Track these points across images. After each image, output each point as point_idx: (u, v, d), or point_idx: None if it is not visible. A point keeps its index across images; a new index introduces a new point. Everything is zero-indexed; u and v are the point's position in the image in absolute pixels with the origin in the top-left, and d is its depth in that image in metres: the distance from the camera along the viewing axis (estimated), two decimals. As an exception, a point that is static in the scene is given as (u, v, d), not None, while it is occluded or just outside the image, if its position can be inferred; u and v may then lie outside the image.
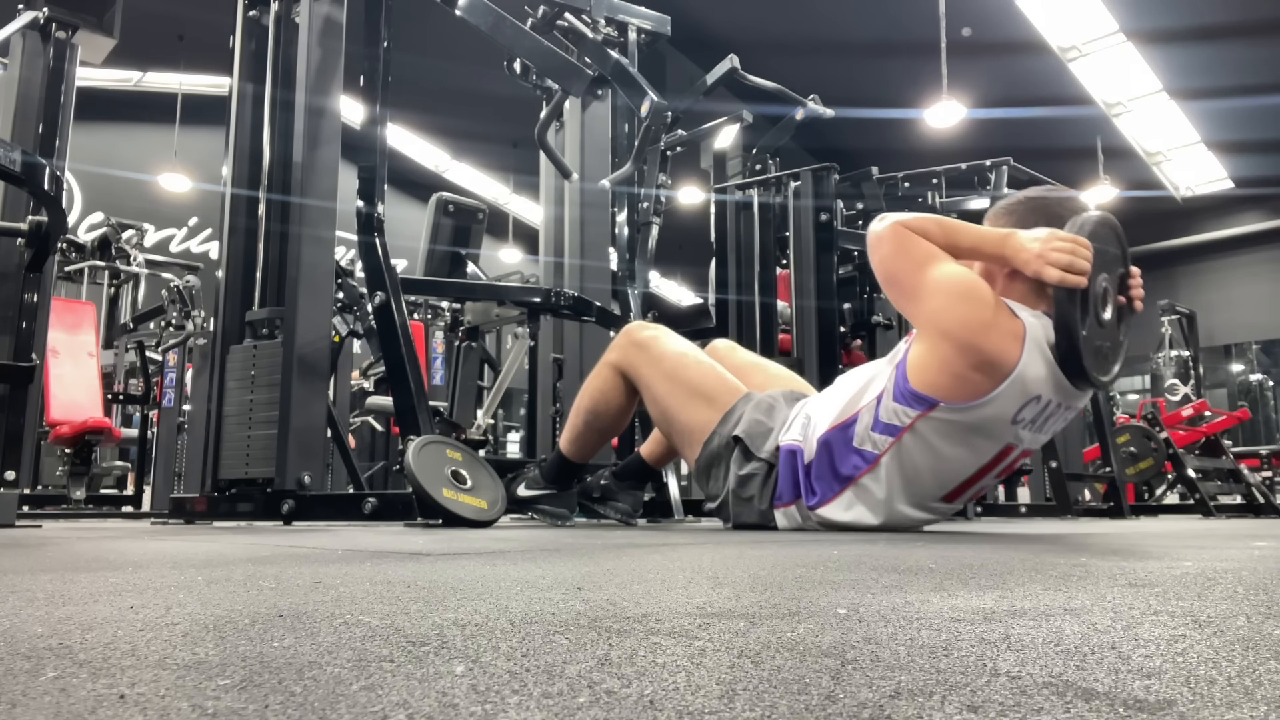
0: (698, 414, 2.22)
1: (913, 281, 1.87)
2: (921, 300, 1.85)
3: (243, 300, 2.95)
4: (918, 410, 1.86)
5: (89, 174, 10.89)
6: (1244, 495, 6.50)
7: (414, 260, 3.98)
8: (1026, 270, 1.79)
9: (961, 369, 1.80)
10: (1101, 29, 9.73)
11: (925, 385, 1.84)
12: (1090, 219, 1.83)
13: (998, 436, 1.87)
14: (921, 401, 1.85)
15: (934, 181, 5.17)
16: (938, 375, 1.83)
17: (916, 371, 1.86)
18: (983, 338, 1.77)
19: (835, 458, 1.99)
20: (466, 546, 1.39)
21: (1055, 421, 1.93)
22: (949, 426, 1.85)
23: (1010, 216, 1.95)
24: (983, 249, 1.88)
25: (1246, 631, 0.55)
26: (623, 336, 2.41)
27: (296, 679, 0.41)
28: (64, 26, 3.29)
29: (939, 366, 1.83)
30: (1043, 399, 1.83)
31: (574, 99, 3.65)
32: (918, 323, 1.90)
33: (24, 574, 0.95)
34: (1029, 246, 1.79)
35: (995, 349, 1.77)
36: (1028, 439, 1.91)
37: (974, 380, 1.80)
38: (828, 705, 0.37)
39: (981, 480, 1.96)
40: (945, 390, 1.82)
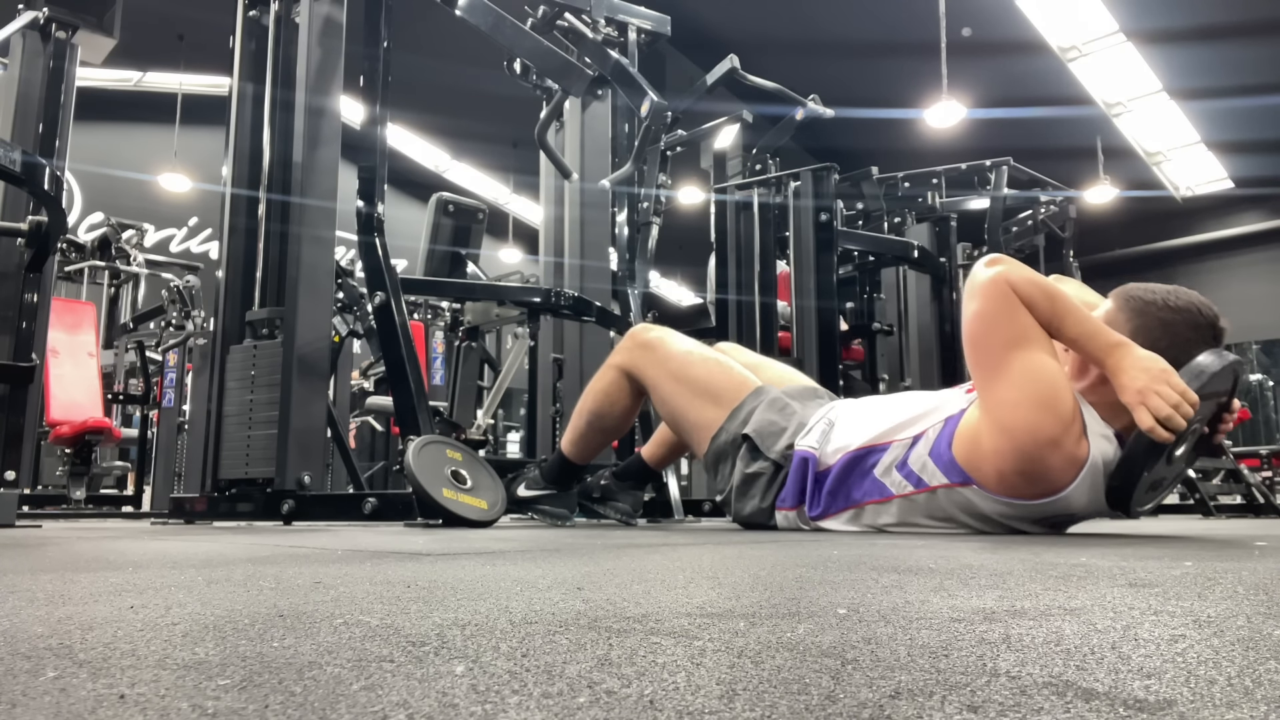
0: (705, 412, 2.23)
1: (997, 357, 1.71)
2: (999, 382, 1.71)
3: (243, 300, 2.95)
4: (949, 480, 1.81)
5: (89, 174, 10.89)
6: (1244, 495, 6.50)
7: (414, 260, 3.98)
8: (1122, 397, 1.63)
9: (1010, 470, 1.71)
10: (1101, 29, 9.73)
11: (967, 464, 1.77)
12: (1211, 370, 1.64)
13: (1013, 528, 1.83)
14: (957, 474, 1.79)
15: (934, 181, 5.18)
16: (983, 462, 1.75)
17: (964, 445, 1.78)
18: (1044, 453, 1.67)
19: (851, 479, 1.96)
20: (466, 546, 1.39)
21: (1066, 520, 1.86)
22: (971, 505, 1.81)
23: (1136, 319, 1.74)
24: (1087, 348, 1.69)
25: (1246, 631, 0.55)
26: (628, 339, 2.42)
27: (296, 679, 0.41)
28: (64, 26, 3.30)
29: (988, 455, 1.74)
30: (1073, 511, 1.76)
31: (574, 99, 3.65)
32: (985, 403, 1.76)
33: (24, 574, 0.95)
34: (1134, 376, 1.61)
35: (1052, 468, 1.68)
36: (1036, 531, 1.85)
37: (1018, 485, 1.72)
38: (828, 705, 0.37)
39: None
40: (985, 478, 1.76)
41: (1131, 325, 1.73)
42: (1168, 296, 1.75)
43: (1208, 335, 1.73)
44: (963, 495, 1.80)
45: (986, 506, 1.79)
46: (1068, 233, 5.52)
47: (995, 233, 5.07)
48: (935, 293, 4.77)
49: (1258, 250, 14.33)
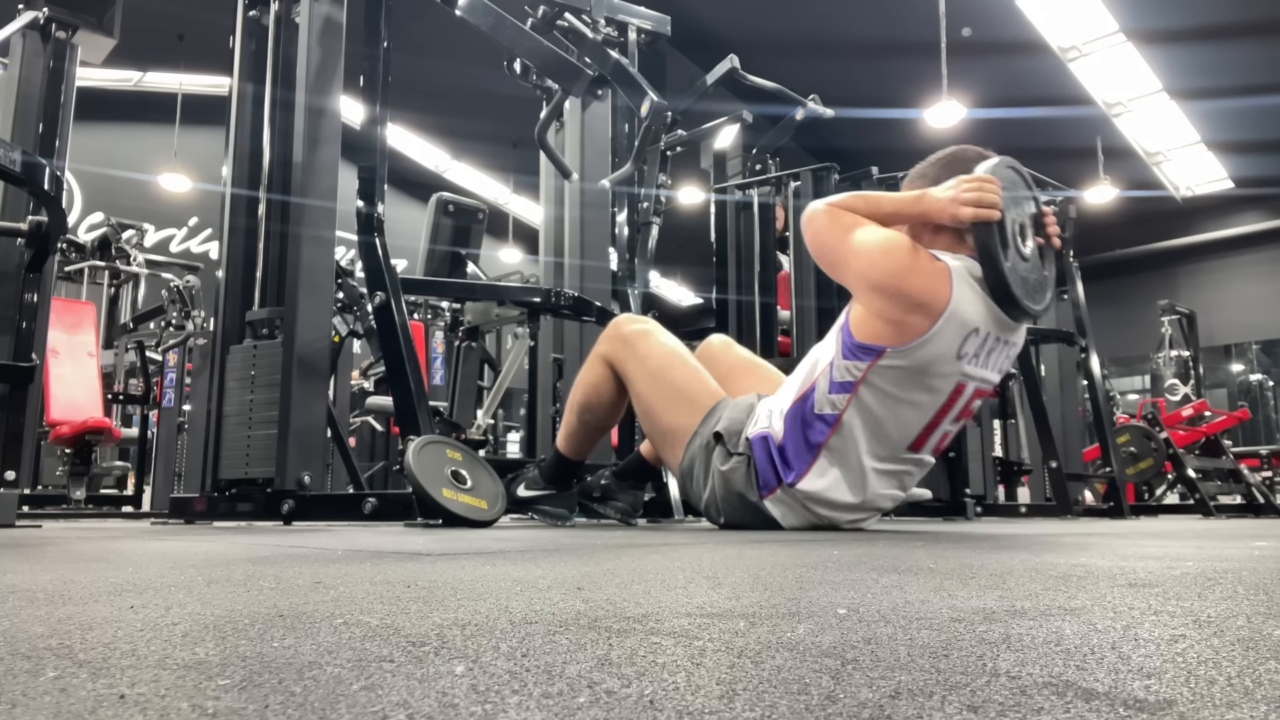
0: (680, 417, 2.25)
1: (840, 248, 2.01)
2: (850, 262, 2.00)
3: (243, 300, 2.95)
4: (867, 360, 1.96)
5: (89, 174, 10.89)
6: (1244, 495, 6.51)
7: (414, 260, 3.98)
8: (944, 218, 1.95)
9: (897, 315, 1.92)
10: (1101, 29, 9.73)
11: (869, 336, 1.96)
12: (992, 162, 1.99)
13: (947, 374, 1.96)
14: (868, 352, 1.95)
15: (934, 181, 5.16)
16: (878, 324, 1.94)
17: (858, 326, 1.98)
18: (908, 281, 1.90)
19: (802, 428, 2.05)
20: (466, 546, 1.39)
21: (999, 357, 2.04)
22: (899, 372, 1.94)
23: (923, 180, 2.10)
24: (903, 210, 2.04)
25: (1246, 631, 0.55)
26: (611, 328, 2.41)
27: (296, 679, 0.41)
28: (64, 26, 3.29)
29: (877, 316, 1.95)
30: (981, 331, 1.94)
31: (574, 99, 3.65)
32: (851, 285, 2.02)
33: (24, 574, 0.95)
34: (942, 196, 1.96)
35: (923, 290, 1.90)
36: (977, 376, 2.01)
37: (912, 322, 1.91)
38: (828, 705, 0.37)
39: (941, 424, 2.04)
40: (888, 336, 1.93)
41: (924, 184, 2.09)
42: (936, 154, 2.15)
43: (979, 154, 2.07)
44: (887, 368, 1.95)
45: (910, 363, 1.93)
46: (1067, 233, 5.50)
47: (995, 233, 5.06)
48: (935, 293, 4.77)
49: (1258, 250, 14.32)
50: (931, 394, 1.98)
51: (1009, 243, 1.93)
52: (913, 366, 1.93)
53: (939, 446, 2.10)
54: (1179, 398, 8.00)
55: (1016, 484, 5.60)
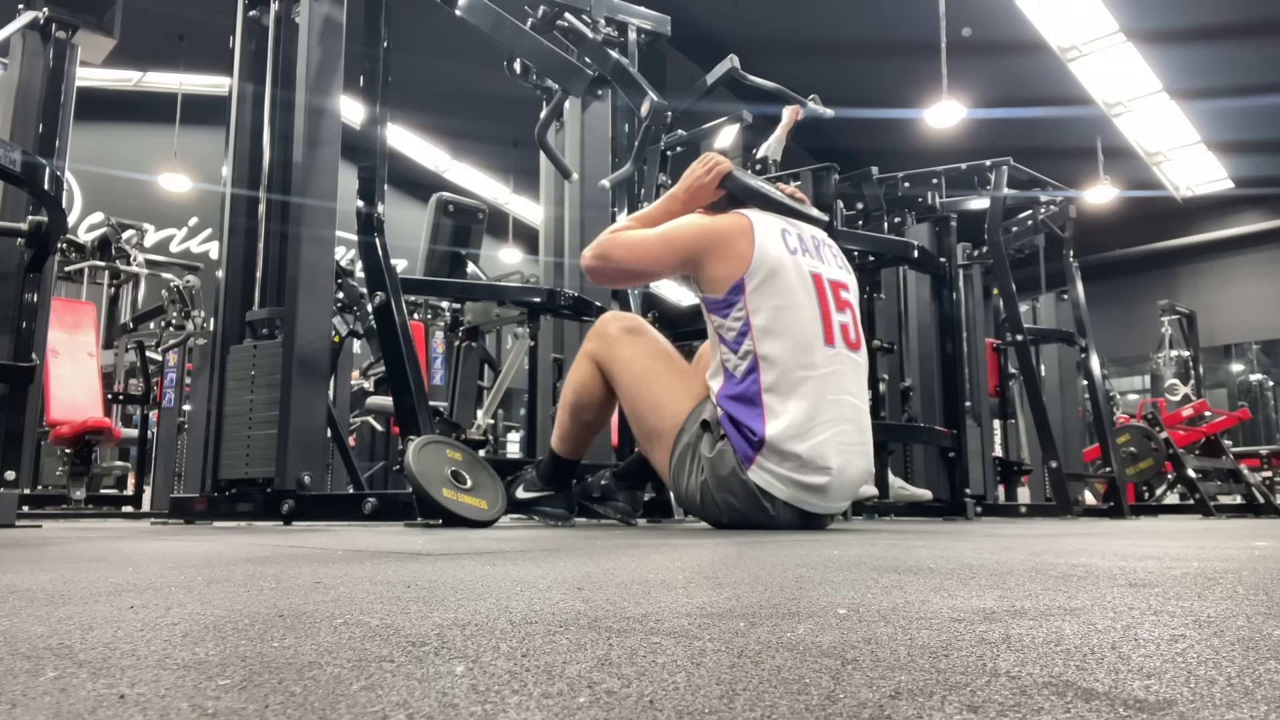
0: (665, 418, 2.26)
1: (650, 255, 2.28)
2: (664, 259, 2.27)
3: (243, 300, 2.95)
4: (737, 299, 2.16)
5: (89, 174, 10.89)
6: (1244, 495, 6.51)
7: (414, 260, 3.97)
8: (701, 196, 2.33)
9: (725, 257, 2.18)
10: (1101, 29, 9.73)
11: (721, 284, 2.18)
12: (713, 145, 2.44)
13: (795, 270, 2.18)
14: (733, 292, 2.16)
15: (934, 181, 5.17)
16: (719, 273, 2.18)
17: (710, 287, 2.21)
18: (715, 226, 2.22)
19: (737, 395, 2.15)
20: (466, 546, 1.39)
21: (829, 255, 2.33)
22: (762, 288, 2.15)
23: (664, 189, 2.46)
24: (670, 209, 2.36)
25: (1246, 631, 0.55)
26: (597, 326, 2.42)
27: (296, 679, 0.41)
28: (64, 26, 3.29)
29: (712, 271, 2.20)
30: (791, 231, 2.25)
31: (574, 99, 3.65)
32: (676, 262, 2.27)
33: (24, 574, 0.95)
34: (686, 185, 2.34)
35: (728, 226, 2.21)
36: (824, 272, 2.24)
37: (739, 249, 2.17)
38: (828, 705, 0.37)
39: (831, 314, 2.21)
40: (732, 272, 2.16)
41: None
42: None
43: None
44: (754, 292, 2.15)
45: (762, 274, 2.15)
46: (1068, 233, 5.51)
47: (995, 233, 5.06)
48: (935, 293, 4.77)
49: (1258, 250, 14.32)
50: (802, 290, 2.17)
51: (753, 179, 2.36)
52: (766, 276, 2.15)
53: (850, 340, 2.24)
54: (1179, 398, 8.00)
55: (1016, 484, 5.60)
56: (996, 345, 5.41)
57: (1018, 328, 4.96)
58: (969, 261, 5.49)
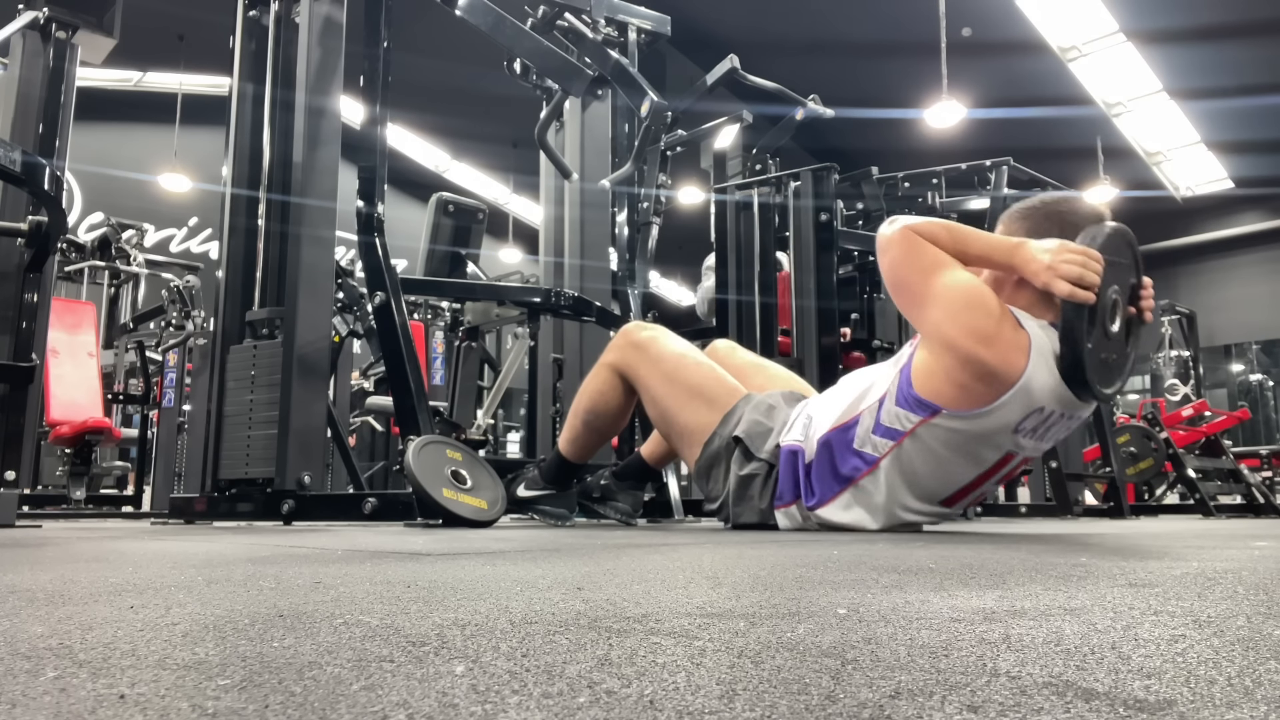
0: (697, 415, 2.22)
1: (919, 288, 1.85)
2: (927, 308, 1.84)
3: (243, 300, 2.95)
4: (920, 416, 1.85)
5: (89, 174, 10.89)
6: (1244, 495, 6.50)
7: (414, 260, 3.98)
8: (1035, 282, 1.77)
9: (965, 379, 1.79)
10: (1101, 29, 9.73)
11: (929, 392, 1.84)
12: (1104, 231, 1.79)
13: (999, 445, 1.87)
14: (924, 407, 1.84)
15: (934, 181, 5.17)
16: (942, 383, 1.82)
17: (921, 378, 1.85)
18: (986, 349, 1.76)
19: (835, 458, 1.98)
20: (466, 546, 1.39)
21: (1058, 430, 1.92)
22: (950, 434, 1.84)
23: (1025, 222, 1.92)
24: (992, 257, 1.85)
25: (1246, 631, 0.55)
26: (621, 337, 2.41)
27: (296, 679, 0.41)
28: (64, 26, 3.30)
29: (943, 375, 1.82)
30: (1046, 409, 1.82)
31: (574, 99, 3.65)
32: (923, 330, 1.89)
33: (24, 574, 0.95)
34: (1039, 258, 1.76)
35: (999, 361, 1.76)
36: (1029, 447, 1.90)
37: (977, 390, 1.79)
38: (828, 705, 0.37)
39: (982, 486, 1.96)
40: (949, 398, 1.82)
41: (1024, 228, 1.91)
42: (1045, 196, 1.98)
43: (1091, 214, 1.90)
44: (939, 427, 1.85)
45: (962, 426, 1.83)
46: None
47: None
48: (935, 293, 4.77)
49: (1258, 250, 14.32)
50: (978, 461, 1.89)
51: (1097, 323, 1.77)
52: (967, 432, 1.83)
53: (974, 501, 2.04)
54: (1179, 398, 8.00)
55: (1016, 484, 5.60)
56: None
57: (1018, 328, 4.94)
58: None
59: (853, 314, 4.81)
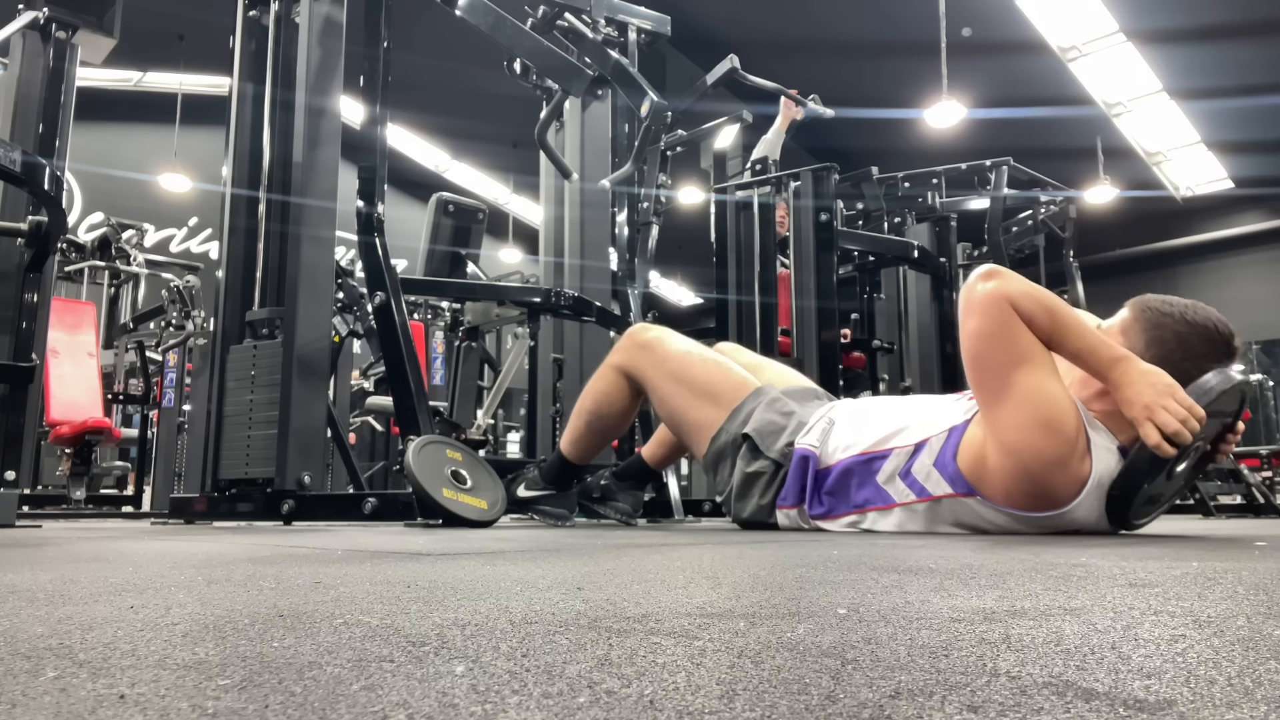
0: (704, 412, 2.23)
1: (1000, 377, 1.70)
2: (1003, 404, 1.70)
3: (243, 300, 2.95)
4: (954, 491, 1.81)
5: (89, 174, 10.89)
6: (1244, 495, 6.49)
7: (414, 260, 3.98)
8: (1125, 412, 1.64)
9: (1016, 489, 1.72)
10: (1101, 29, 9.72)
11: (973, 478, 1.77)
12: (1218, 388, 1.64)
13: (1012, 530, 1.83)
14: (962, 485, 1.79)
15: (934, 181, 5.17)
16: (990, 477, 1.75)
17: (969, 459, 1.78)
18: (1048, 474, 1.68)
19: (854, 483, 1.96)
20: (466, 546, 1.39)
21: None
22: (975, 515, 1.82)
23: (1152, 332, 1.74)
24: (1090, 362, 1.69)
25: (1246, 631, 0.55)
26: (626, 339, 2.41)
27: (296, 679, 0.41)
28: (64, 26, 3.30)
29: (995, 473, 1.74)
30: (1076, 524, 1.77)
31: (574, 99, 3.65)
32: (989, 422, 1.75)
33: (24, 574, 0.95)
34: (1140, 391, 1.61)
35: (1057, 486, 1.69)
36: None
37: (1022, 502, 1.74)
38: (828, 705, 0.36)
39: None
40: (991, 493, 1.76)
41: (1146, 336, 1.73)
42: (1185, 310, 1.75)
43: (1221, 352, 1.72)
44: (967, 505, 1.81)
45: (990, 515, 1.80)
46: (1068, 233, 5.51)
47: (995, 233, 5.07)
48: (935, 293, 4.77)
49: (1258, 250, 14.32)
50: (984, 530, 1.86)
51: (1166, 467, 1.65)
52: (991, 520, 1.80)
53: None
54: (1179, 398, 7.98)
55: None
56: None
57: (1018, 328, 4.94)
58: (969, 261, 5.49)
59: (853, 314, 4.82)
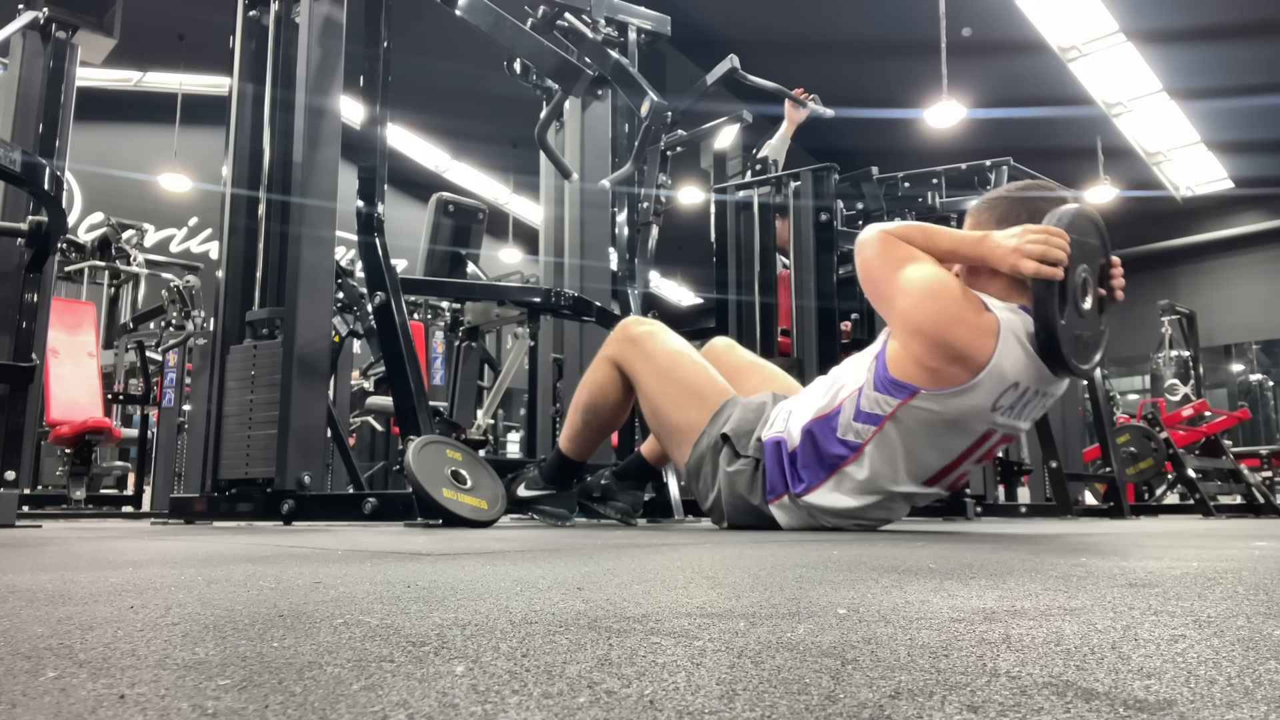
0: (689, 415, 2.24)
1: (888, 282, 1.92)
2: (894, 299, 1.91)
3: (243, 300, 2.95)
4: (899, 398, 1.90)
5: (89, 174, 10.89)
6: (1244, 495, 6.50)
7: (414, 260, 3.98)
8: (1003, 266, 1.85)
9: (936, 363, 1.85)
10: (1101, 29, 9.72)
11: (904, 375, 1.89)
12: (1068, 211, 1.85)
13: (978, 423, 1.92)
14: (902, 389, 1.90)
15: (934, 181, 5.16)
16: (915, 367, 1.88)
17: (895, 363, 1.91)
18: (952, 333, 1.82)
19: (820, 445, 2.02)
20: (466, 546, 1.39)
21: (1034, 408, 1.97)
22: (930, 414, 1.89)
23: (992, 212, 1.98)
24: (961, 250, 1.93)
25: (1246, 631, 0.55)
26: (618, 330, 2.41)
27: (296, 679, 0.41)
28: (64, 26, 3.30)
29: (914, 360, 1.88)
30: (1020, 385, 1.87)
31: (574, 99, 3.65)
32: (892, 321, 1.95)
33: (24, 574, 0.95)
34: (1004, 243, 1.84)
35: (965, 344, 1.82)
36: (1007, 425, 1.96)
37: (950, 372, 1.85)
38: (828, 705, 0.36)
39: (963, 465, 2.00)
40: (924, 380, 1.87)
41: (994, 216, 1.96)
42: (1008, 187, 2.04)
43: (1056, 198, 1.95)
44: (918, 408, 1.89)
45: (940, 406, 1.88)
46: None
47: (995, 233, 5.06)
48: (935, 293, 4.77)
49: (1258, 250, 14.32)
50: (958, 438, 1.94)
51: (1069, 300, 1.82)
52: (944, 412, 1.88)
53: (955, 484, 2.08)
54: (1179, 398, 8.00)
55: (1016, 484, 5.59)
56: (996, 345, 5.40)
57: (1018, 328, 4.94)
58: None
59: (852, 314, 4.81)
